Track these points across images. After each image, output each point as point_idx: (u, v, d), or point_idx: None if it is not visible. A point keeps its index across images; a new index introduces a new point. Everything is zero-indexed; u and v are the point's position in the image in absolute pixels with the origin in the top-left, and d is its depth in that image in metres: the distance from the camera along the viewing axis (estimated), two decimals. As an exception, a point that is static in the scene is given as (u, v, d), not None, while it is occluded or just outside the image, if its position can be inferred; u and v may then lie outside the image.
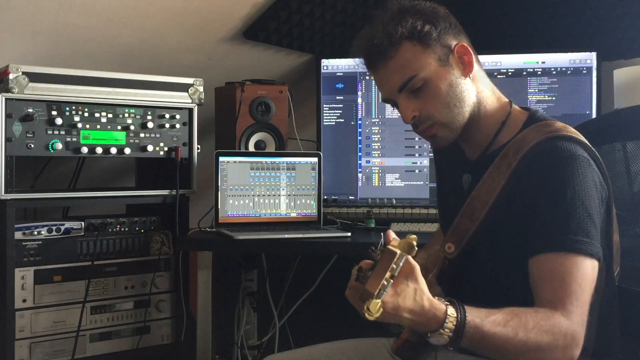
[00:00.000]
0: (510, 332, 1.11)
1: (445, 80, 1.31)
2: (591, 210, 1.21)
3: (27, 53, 2.25)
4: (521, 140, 1.28)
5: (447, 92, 1.31)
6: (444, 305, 1.11)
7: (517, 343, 1.12)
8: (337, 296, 2.63)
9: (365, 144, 2.51)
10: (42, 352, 2.04)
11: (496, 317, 1.13)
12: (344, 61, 2.53)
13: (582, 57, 2.35)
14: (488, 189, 1.30)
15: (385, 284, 1.05)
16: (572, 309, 1.14)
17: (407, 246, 1.08)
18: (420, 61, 1.30)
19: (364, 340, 1.53)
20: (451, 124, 1.33)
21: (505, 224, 1.28)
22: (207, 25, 2.44)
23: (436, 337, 1.12)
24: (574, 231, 1.18)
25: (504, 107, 1.38)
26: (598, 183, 1.25)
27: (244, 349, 2.52)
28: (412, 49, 1.30)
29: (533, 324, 1.12)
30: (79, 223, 2.13)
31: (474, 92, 1.34)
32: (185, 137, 2.28)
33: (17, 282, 2.00)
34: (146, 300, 2.23)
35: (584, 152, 1.25)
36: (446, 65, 1.31)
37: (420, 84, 1.31)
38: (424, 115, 1.33)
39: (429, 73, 1.30)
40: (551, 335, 1.12)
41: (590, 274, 1.18)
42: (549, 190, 1.22)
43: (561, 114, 2.33)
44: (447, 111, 1.32)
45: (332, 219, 2.38)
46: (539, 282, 1.19)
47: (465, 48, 1.33)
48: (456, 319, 1.10)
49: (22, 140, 1.99)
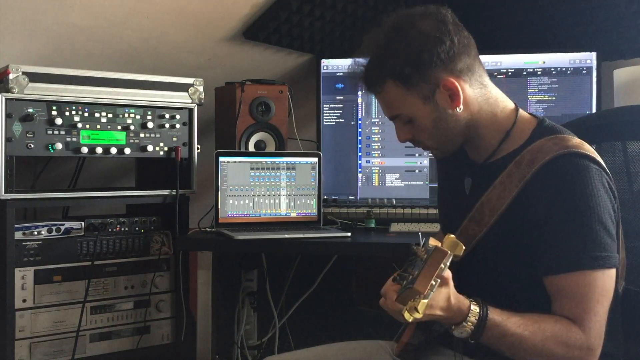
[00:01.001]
0: (528, 335, 1.19)
1: (430, 117, 1.33)
2: (606, 222, 1.23)
3: (27, 53, 2.25)
4: (537, 151, 1.28)
5: (433, 127, 1.34)
6: (467, 301, 1.19)
7: (532, 346, 1.19)
8: (337, 296, 2.64)
9: (365, 144, 2.51)
10: (42, 352, 2.04)
11: (517, 319, 1.20)
12: (344, 61, 2.52)
13: (582, 57, 2.35)
14: (499, 196, 1.30)
15: (434, 283, 1.07)
16: (591, 324, 1.20)
17: (453, 245, 1.12)
18: (403, 101, 1.33)
19: (364, 343, 1.53)
20: (442, 147, 1.39)
21: (514, 233, 1.29)
22: (207, 25, 2.44)
23: (459, 330, 1.18)
24: (591, 248, 1.22)
25: (509, 117, 1.37)
26: (610, 192, 1.27)
27: (244, 349, 2.51)
28: (395, 89, 1.32)
29: (551, 333, 1.19)
30: (79, 223, 2.13)
31: (465, 120, 1.34)
32: (185, 137, 2.28)
33: (17, 282, 2.00)
34: (146, 300, 2.23)
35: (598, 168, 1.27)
36: (431, 102, 1.32)
37: (407, 119, 1.35)
38: (416, 140, 1.39)
39: (413, 112, 1.33)
40: (566, 347, 1.19)
41: (609, 285, 1.24)
42: (564, 206, 1.23)
43: (561, 114, 2.33)
44: (435, 141, 1.37)
45: (332, 219, 2.38)
46: (558, 298, 1.24)
47: (452, 83, 1.30)
48: (479, 314, 1.18)
49: (22, 140, 1.99)
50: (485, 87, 1.36)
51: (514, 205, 1.28)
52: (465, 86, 1.32)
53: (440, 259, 1.07)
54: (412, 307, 1.05)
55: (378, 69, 1.32)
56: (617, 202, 1.30)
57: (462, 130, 1.34)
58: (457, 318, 1.18)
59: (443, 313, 1.16)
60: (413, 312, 1.06)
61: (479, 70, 1.35)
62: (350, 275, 2.59)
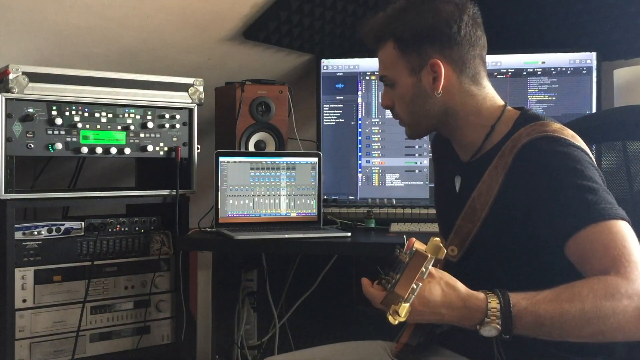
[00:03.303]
0: (565, 305, 1.06)
1: (410, 90, 1.36)
2: (599, 181, 1.21)
3: (27, 53, 2.25)
4: (517, 139, 1.28)
5: (410, 101, 1.37)
6: (482, 294, 1.10)
7: (575, 314, 1.06)
8: (337, 296, 2.64)
9: (365, 144, 2.51)
10: (42, 352, 2.04)
11: (545, 295, 1.08)
12: (344, 61, 2.53)
13: (582, 57, 2.35)
14: (487, 189, 1.30)
15: (415, 287, 1.05)
16: (627, 268, 1.08)
17: (435, 248, 1.08)
18: (394, 65, 1.37)
19: (364, 343, 1.53)
20: (413, 126, 1.41)
21: (505, 223, 1.28)
22: (207, 25, 2.44)
23: (486, 328, 1.08)
24: (595, 202, 1.17)
25: (494, 112, 1.37)
26: (595, 166, 1.25)
27: (244, 349, 2.51)
28: (391, 51, 1.37)
29: (587, 291, 1.06)
30: (79, 223, 2.13)
31: (441, 107, 1.35)
32: (185, 137, 2.28)
33: (17, 282, 2.00)
34: (146, 300, 2.23)
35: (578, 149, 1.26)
36: (415, 76, 1.35)
37: (390, 83, 1.39)
38: (394, 111, 1.43)
39: (398, 79, 1.38)
40: (611, 298, 1.05)
41: (629, 233, 1.14)
42: (550, 180, 1.21)
43: (561, 114, 2.33)
44: (409, 116, 1.40)
45: (332, 219, 2.38)
46: (583, 263, 1.15)
47: (439, 67, 1.33)
48: (499, 304, 1.07)
49: (22, 140, 1.99)
50: (477, 86, 1.37)
51: (500, 195, 1.27)
52: (452, 76, 1.34)
53: (420, 262, 1.06)
54: (394, 311, 1.05)
55: (385, 26, 1.38)
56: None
57: (436, 116, 1.37)
58: (477, 315, 1.09)
59: (450, 311, 1.09)
60: (395, 315, 1.05)
61: (477, 68, 1.36)
62: (350, 275, 2.59)
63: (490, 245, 1.31)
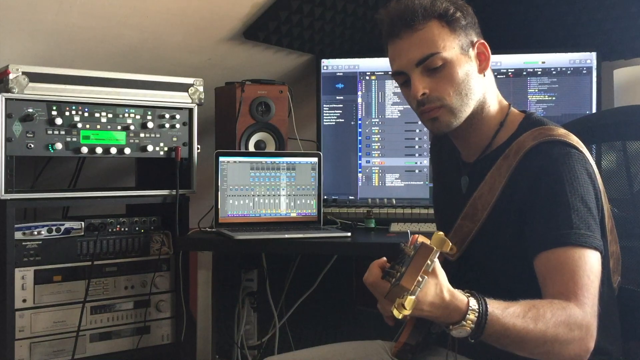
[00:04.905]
0: (529, 323, 1.11)
1: (463, 68, 1.33)
2: (590, 205, 1.24)
3: (27, 53, 2.25)
4: (522, 142, 1.30)
5: (461, 80, 1.33)
6: (465, 297, 1.11)
7: (536, 334, 1.12)
8: (337, 296, 2.64)
9: (365, 144, 2.51)
10: (42, 352, 2.04)
11: (515, 309, 1.13)
12: (344, 61, 2.53)
13: (582, 57, 2.35)
14: (489, 190, 1.31)
15: (421, 280, 1.05)
16: (585, 300, 1.16)
17: (440, 242, 1.09)
18: (445, 42, 1.32)
19: (364, 343, 1.53)
20: (457, 111, 1.34)
21: (505, 224, 1.29)
22: (207, 25, 2.43)
23: (458, 330, 1.11)
24: (577, 225, 1.21)
25: (503, 110, 1.40)
26: (592, 180, 1.27)
27: (244, 349, 2.51)
28: (440, 29, 1.32)
29: (550, 315, 1.13)
30: (79, 223, 2.13)
31: (483, 90, 1.36)
32: (185, 137, 2.28)
33: (17, 282, 2.00)
34: (146, 300, 2.23)
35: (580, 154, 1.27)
36: (466, 55, 1.34)
37: (440, 63, 1.32)
38: (433, 96, 1.33)
39: (450, 55, 1.32)
40: (567, 327, 1.13)
41: (597, 266, 1.21)
42: (546, 187, 1.24)
43: (561, 114, 2.33)
44: (457, 98, 1.33)
45: (332, 219, 2.38)
46: (548, 277, 1.20)
47: (485, 46, 1.37)
48: (478, 311, 1.10)
49: (22, 140, 1.99)
50: (493, 78, 1.41)
51: (501, 197, 1.29)
52: (489, 59, 1.38)
53: (426, 255, 1.06)
54: (399, 304, 1.05)
55: (429, 6, 1.33)
56: (602, 197, 1.30)
57: (476, 102, 1.35)
58: (455, 316, 1.11)
59: (433, 309, 1.10)
60: (401, 309, 1.05)
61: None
62: (350, 275, 2.59)
63: (488, 245, 1.32)
